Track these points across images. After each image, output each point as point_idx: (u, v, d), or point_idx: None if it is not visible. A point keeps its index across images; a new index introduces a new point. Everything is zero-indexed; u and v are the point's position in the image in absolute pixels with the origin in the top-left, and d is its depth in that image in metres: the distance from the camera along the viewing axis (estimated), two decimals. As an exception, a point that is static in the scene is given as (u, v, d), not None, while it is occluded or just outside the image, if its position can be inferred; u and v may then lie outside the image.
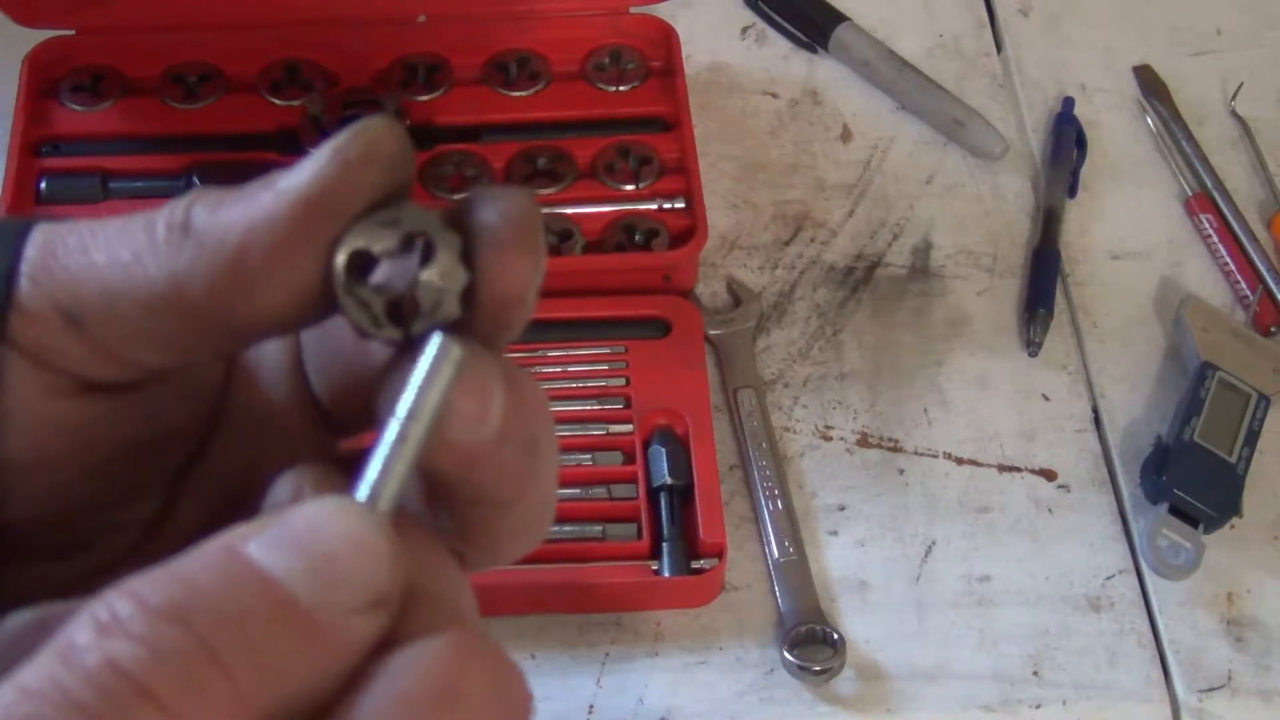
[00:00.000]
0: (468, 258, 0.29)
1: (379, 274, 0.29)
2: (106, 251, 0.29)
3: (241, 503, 0.32)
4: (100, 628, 0.25)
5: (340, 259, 0.29)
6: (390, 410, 0.29)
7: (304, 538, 0.26)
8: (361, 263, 0.29)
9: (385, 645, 0.27)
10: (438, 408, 0.29)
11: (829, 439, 0.78)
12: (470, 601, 0.31)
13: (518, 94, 0.86)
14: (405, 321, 0.29)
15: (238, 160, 0.82)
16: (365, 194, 0.29)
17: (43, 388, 0.30)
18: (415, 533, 0.29)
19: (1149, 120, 0.91)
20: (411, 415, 0.28)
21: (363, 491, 0.28)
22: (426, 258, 0.29)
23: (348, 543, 0.26)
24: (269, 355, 0.34)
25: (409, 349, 0.29)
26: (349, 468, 0.30)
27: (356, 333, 0.29)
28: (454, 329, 0.29)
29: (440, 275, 0.29)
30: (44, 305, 0.30)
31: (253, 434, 0.34)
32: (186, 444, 0.33)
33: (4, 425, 0.30)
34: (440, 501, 0.31)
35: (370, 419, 0.29)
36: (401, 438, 0.28)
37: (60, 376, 0.30)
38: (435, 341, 0.29)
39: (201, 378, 0.33)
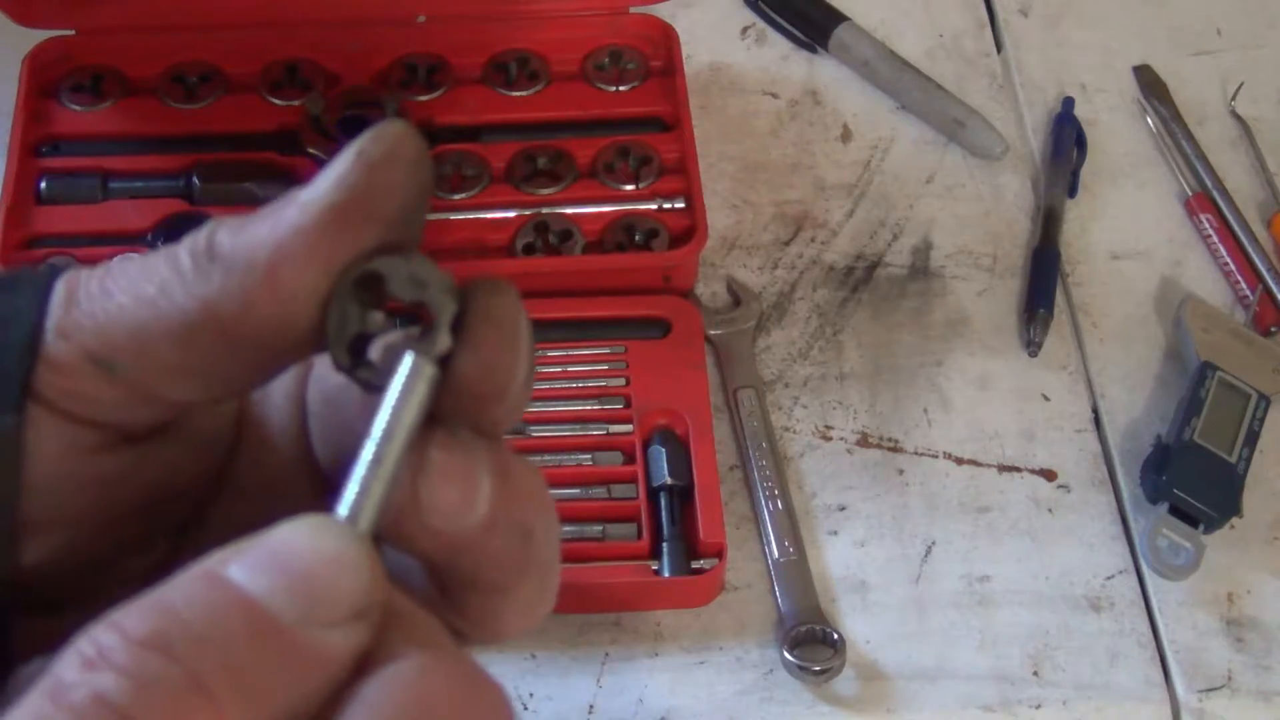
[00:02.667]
0: (455, 330, 0.29)
1: (372, 316, 0.29)
2: (131, 291, 0.29)
3: None
4: (85, 662, 0.25)
5: (352, 275, 0.29)
6: (366, 430, 0.29)
7: (283, 557, 0.26)
8: (367, 285, 0.29)
9: (367, 664, 0.27)
10: (412, 426, 0.29)
11: (829, 439, 0.78)
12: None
13: (518, 94, 0.86)
14: (358, 361, 0.29)
15: (238, 160, 0.82)
16: (392, 197, 0.29)
17: (69, 444, 0.30)
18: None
19: (1149, 120, 0.91)
20: (387, 435, 0.28)
21: (341, 510, 0.28)
22: (424, 330, 0.29)
23: (326, 559, 0.26)
24: (276, 420, 0.34)
25: (356, 381, 0.29)
26: None
27: (321, 341, 0.29)
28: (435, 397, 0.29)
29: (429, 341, 0.29)
30: (74, 356, 0.29)
31: (257, 493, 0.34)
32: (193, 500, 0.33)
33: (28, 485, 0.30)
34: (439, 584, 0.31)
35: None
36: (378, 458, 0.28)
37: (87, 430, 0.30)
38: (408, 361, 0.29)
39: (212, 434, 0.33)
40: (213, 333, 0.29)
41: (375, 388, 0.29)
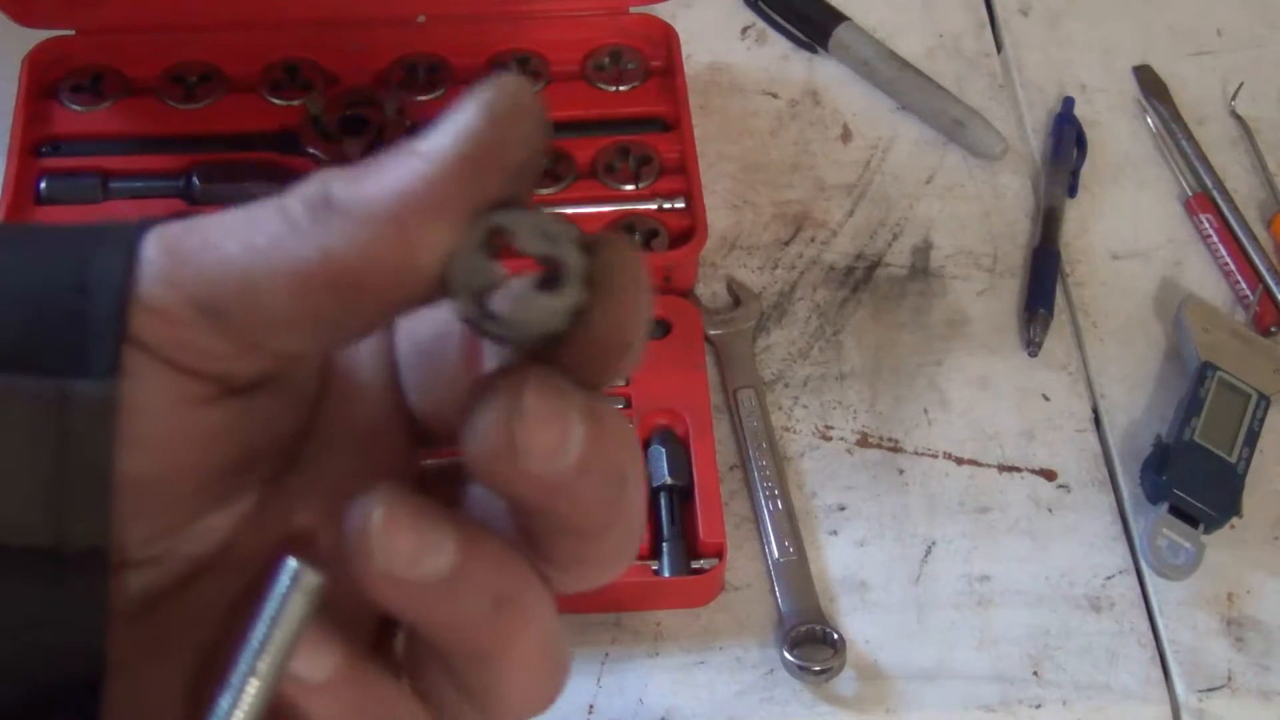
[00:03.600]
0: (587, 283, 0.29)
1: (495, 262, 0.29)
2: (241, 241, 0.29)
3: (327, 511, 0.33)
4: None
5: (481, 226, 0.28)
6: (243, 639, 0.29)
7: None
8: (492, 240, 0.29)
9: None
10: (291, 637, 0.29)
11: (829, 439, 0.78)
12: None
13: (518, 94, 0.85)
14: (484, 312, 0.29)
15: (238, 160, 0.82)
16: (518, 149, 0.29)
17: (175, 397, 0.30)
18: (370, 672, 0.31)
19: (1149, 120, 0.91)
20: (263, 648, 0.28)
21: None
22: (557, 274, 0.29)
23: None
24: (364, 371, 0.34)
25: (484, 333, 0.29)
26: (426, 485, 0.31)
27: (447, 292, 0.29)
28: (551, 351, 0.29)
29: (551, 305, 0.29)
30: (181, 305, 0.29)
31: (347, 444, 0.34)
32: (284, 454, 0.33)
33: (134, 439, 0.30)
34: (529, 533, 0.31)
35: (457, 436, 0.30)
36: (252, 671, 0.28)
37: (192, 381, 0.30)
38: (289, 568, 0.29)
39: (304, 387, 0.33)
40: (329, 283, 0.28)
41: (502, 339, 0.29)
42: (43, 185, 0.80)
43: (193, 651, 0.32)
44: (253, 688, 0.28)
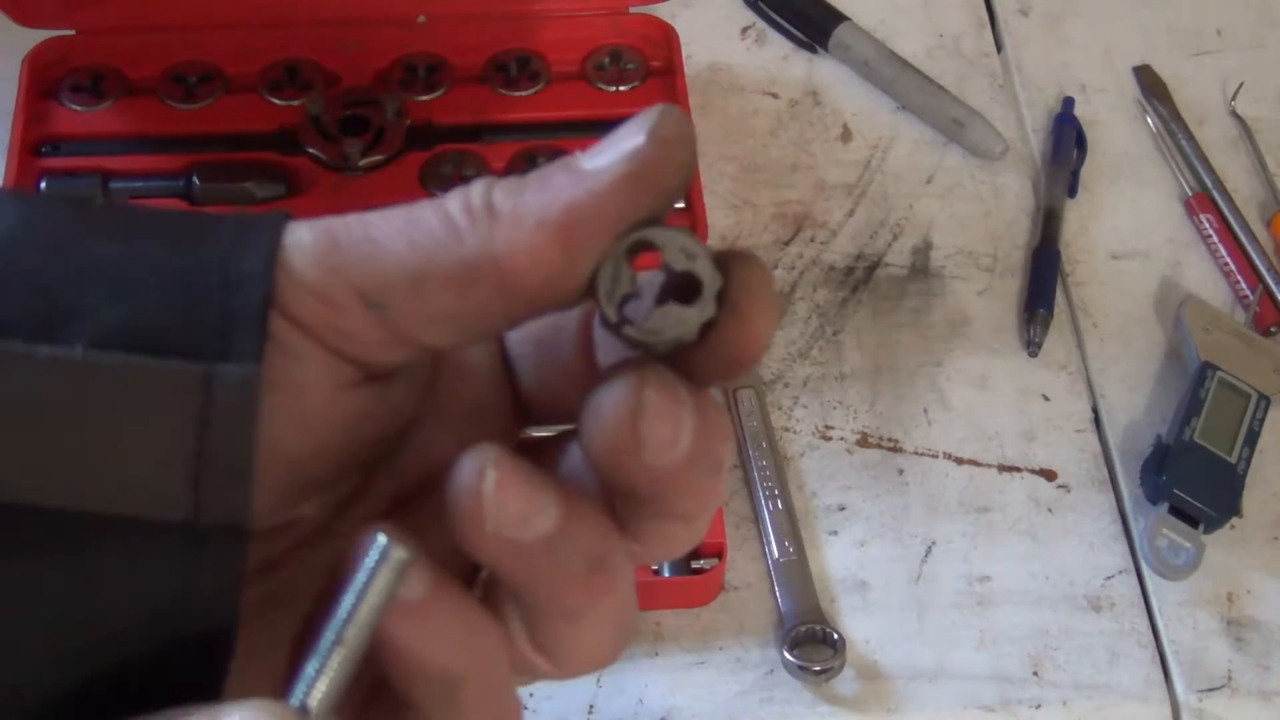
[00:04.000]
0: (719, 299, 0.31)
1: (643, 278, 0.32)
2: (404, 239, 0.31)
3: (430, 488, 0.34)
4: None
5: (629, 239, 0.31)
6: (329, 612, 0.30)
7: None
8: (636, 252, 0.31)
9: None
10: (377, 610, 0.30)
11: (829, 439, 0.78)
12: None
13: (518, 94, 0.85)
14: (623, 318, 0.31)
15: (238, 160, 0.82)
16: (679, 172, 0.31)
17: (331, 379, 0.32)
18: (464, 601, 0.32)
19: (1149, 120, 0.91)
20: (350, 619, 0.30)
21: (296, 695, 0.29)
22: (694, 289, 0.31)
23: None
24: (474, 353, 0.36)
25: (622, 337, 0.32)
26: (530, 453, 0.33)
27: (593, 296, 0.31)
28: (680, 354, 0.32)
29: (688, 316, 0.31)
30: (343, 292, 0.31)
31: (456, 424, 0.36)
32: (401, 430, 0.35)
33: (289, 416, 0.31)
34: (625, 512, 0.33)
35: (568, 413, 0.32)
36: (339, 640, 0.29)
37: (345, 366, 0.32)
38: (378, 543, 0.30)
39: (426, 374, 0.35)
40: (490, 283, 0.31)
41: (639, 344, 0.31)
42: (43, 185, 0.80)
43: (297, 621, 0.34)
44: (338, 656, 0.30)
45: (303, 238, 0.32)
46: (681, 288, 0.31)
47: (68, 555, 0.30)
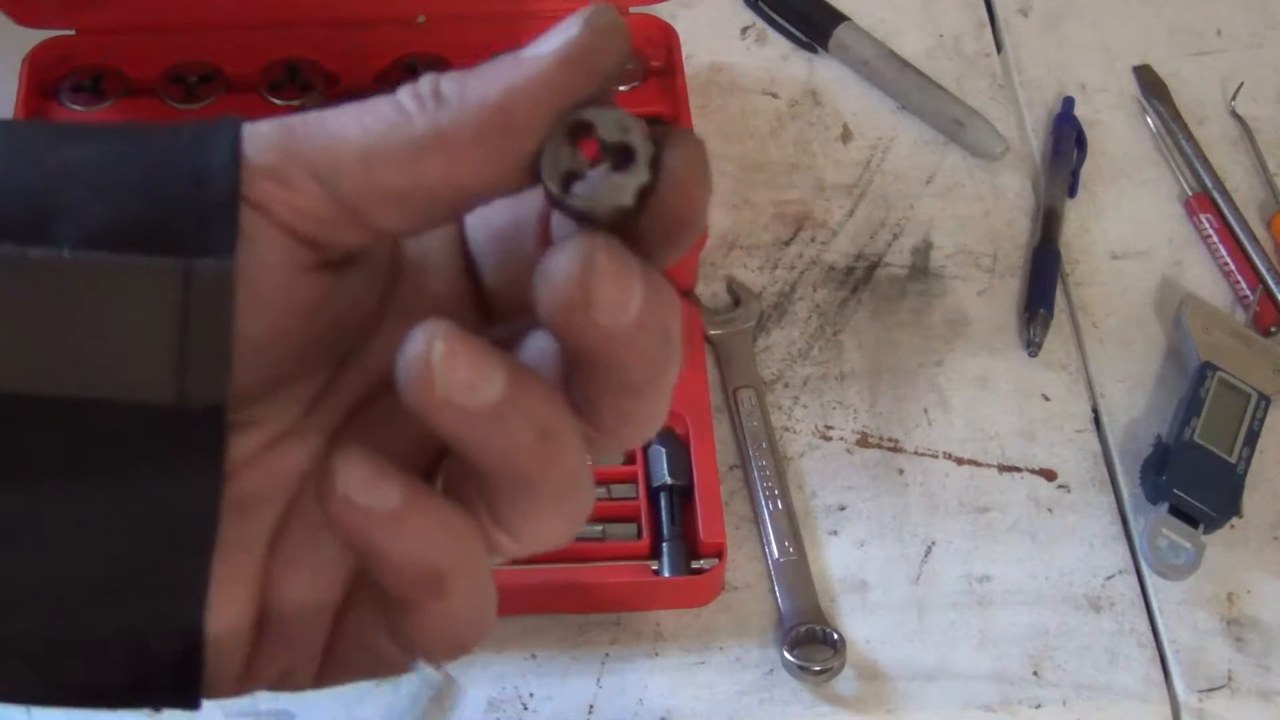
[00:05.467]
0: (654, 167, 0.33)
1: (578, 152, 0.34)
2: (357, 124, 0.34)
3: (393, 389, 0.36)
4: None
5: (568, 120, 0.33)
6: None
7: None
8: (577, 132, 0.33)
9: None
10: None
11: (829, 439, 0.78)
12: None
13: (518, 94, 0.85)
14: (571, 191, 0.33)
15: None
16: (609, 59, 0.34)
17: (288, 261, 0.34)
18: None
19: (1149, 120, 0.91)
20: None
21: None
22: (629, 158, 0.33)
23: None
24: (435, 254, 0.38)
25: (566, 211, 0.34)
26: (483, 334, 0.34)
27: (540, 181, 0.33)
28: (622, 227, 0.33)
29: (623, 184, 0.33)
30: (298, 172, 0.33)
31: (417, 319, 0.37)
32: (362, 327, 0.37)
33: (253, 298, 0.33)
34: (581, 388, 0.35)
35: (530, 309, 0.34)
36: None
37: (301, 248, 0.34)
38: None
39: (385, 267, 0.37)
40: (439, 161, 0.33)
41: (581, 215, 0.33)
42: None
43: (269, 521, 0.36)
44: None
45: (262, 129, 0.34)
46: (620, 161, 0.33)
47: (66, 442, 0.32)
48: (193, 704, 0.35)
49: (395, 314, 0.38)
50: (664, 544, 0.71)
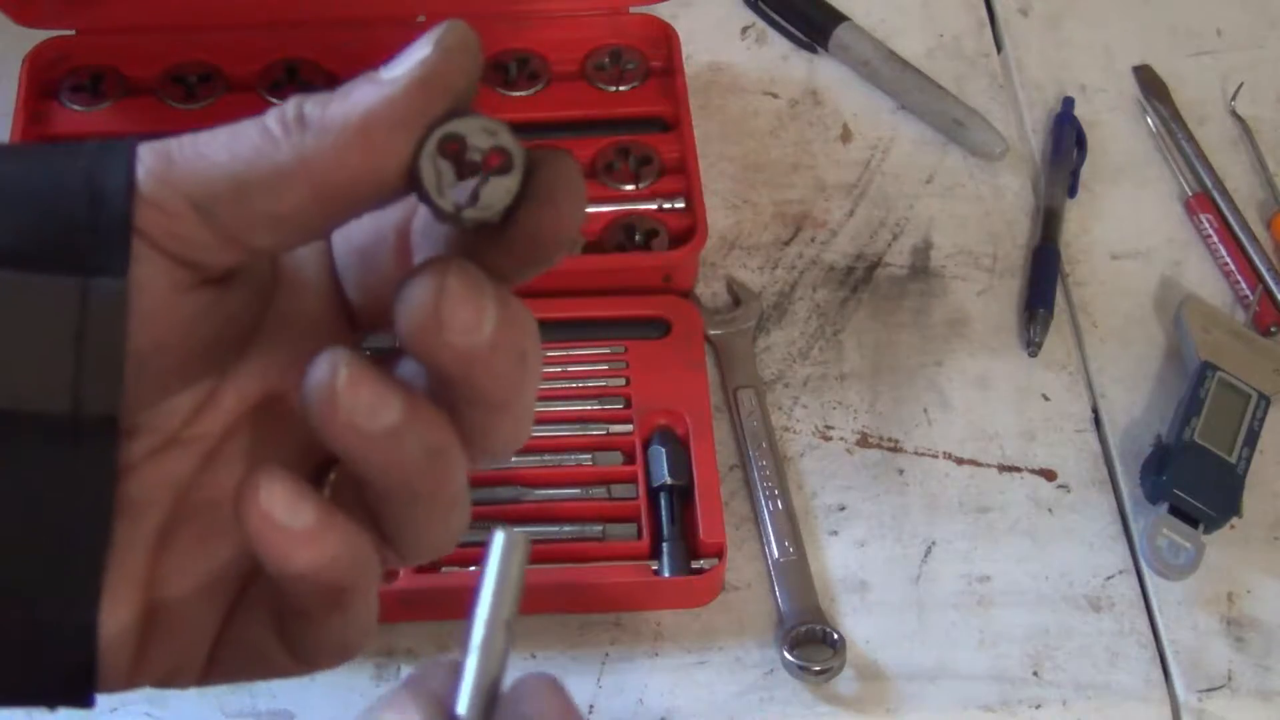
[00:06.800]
0: (526, 183, 0.35)
1: (453, 163, 0.35)
2: (228, 150, 0.35)
3: (276, 392, 0.39)
4: None
5: (437, 134, 0.34)
6: (473, 607, 0.36)
7: None
8: (448, 145, 0.35)
9: None
10: (516, 594, 0.36)
11: (829, 439, 0.78)
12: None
13: (518, 94, 0.85)
14: (446, 199, 0.35)
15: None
16: (463, 77, 0.35)
17: (168, 281, 0.35)
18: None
19: (1149, 120, 0.91)
20: (496, 605, 0.36)
21: (462, 704, 0.36)
22: (505, 167, 0.35)
23: None
24: (307, 269, 0.40)
25: (456, 222, 0.35)
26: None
27: (421, 197, 0.35)
28: (487, 240, 0.35)
29: (506, 185, 0.35)
30: (177, 201, 0.35)
31: (293, 333, 0.39)
32: (241, 340, 0.39)
33: (141, 316, 0.35)
34: (445, 402, 0.36)
35: (388, 320, 0.35)
36: (494, 624, 0.36)
37: (180, 269, 0.35)
38: (500, 539, 0.36)
39: (264, 281, 0.39)
40: (305, 184, 0.34)
41: (455, 220, 0.34)
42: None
43: (154, 525, 0.38)
44: (499, 640, 0.36)
45: (143, 156, 0.35)
46: (498, 166, 0.35)
47: None
48: (87, 701, 0.36)
49: (273, 326, 0.39)
50: (664, 544, 0.71)
